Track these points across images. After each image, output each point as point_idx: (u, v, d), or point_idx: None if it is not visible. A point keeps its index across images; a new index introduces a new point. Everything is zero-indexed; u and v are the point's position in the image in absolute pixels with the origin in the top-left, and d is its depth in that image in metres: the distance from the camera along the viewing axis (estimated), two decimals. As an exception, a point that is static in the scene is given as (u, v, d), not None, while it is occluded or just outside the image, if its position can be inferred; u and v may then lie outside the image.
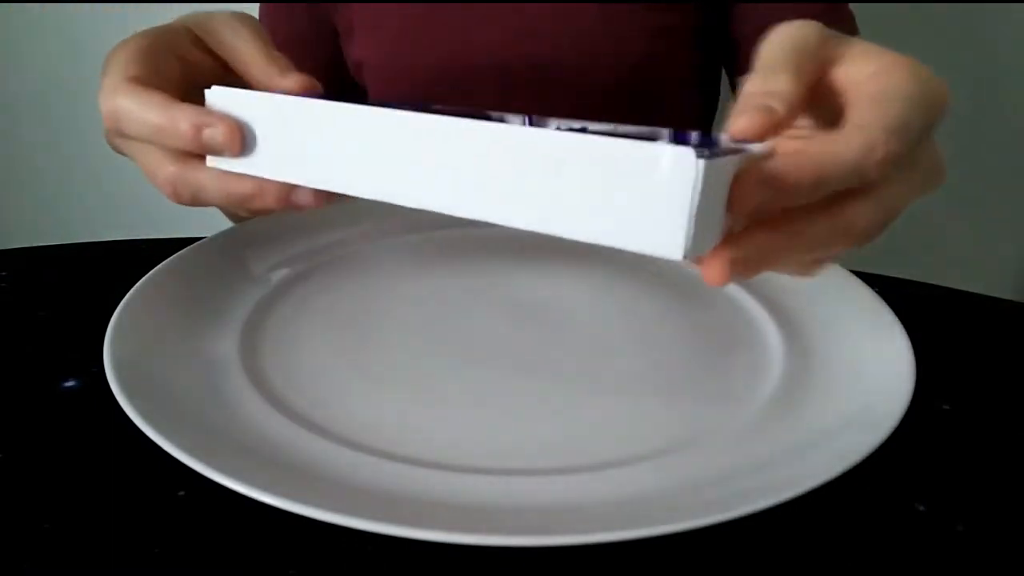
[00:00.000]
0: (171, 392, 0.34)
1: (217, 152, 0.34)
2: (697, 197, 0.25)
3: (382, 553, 0.29)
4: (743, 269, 0.28)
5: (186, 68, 0.39)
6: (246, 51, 0.38)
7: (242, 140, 0.33)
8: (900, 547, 0.31)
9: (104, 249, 0.56)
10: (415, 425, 0.34)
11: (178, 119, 0.33)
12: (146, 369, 0.35)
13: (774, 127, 0.29)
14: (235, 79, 0.40)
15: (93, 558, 0.30)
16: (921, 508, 0.33)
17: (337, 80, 0.71)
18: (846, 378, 0.36)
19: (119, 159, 0.42)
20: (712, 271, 0.28)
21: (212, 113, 0.33)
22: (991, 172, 1.21)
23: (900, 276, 0.52)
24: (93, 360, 0.35)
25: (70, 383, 0.40)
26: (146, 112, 0.34)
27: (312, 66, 0.41)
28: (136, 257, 0.46)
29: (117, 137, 0.37)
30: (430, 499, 0.29)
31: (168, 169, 0.35)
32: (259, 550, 0.30)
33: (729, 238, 0.28)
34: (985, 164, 1.19)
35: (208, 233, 0.48)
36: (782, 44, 0.31)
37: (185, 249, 0.45)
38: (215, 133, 0.33)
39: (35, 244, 0.57)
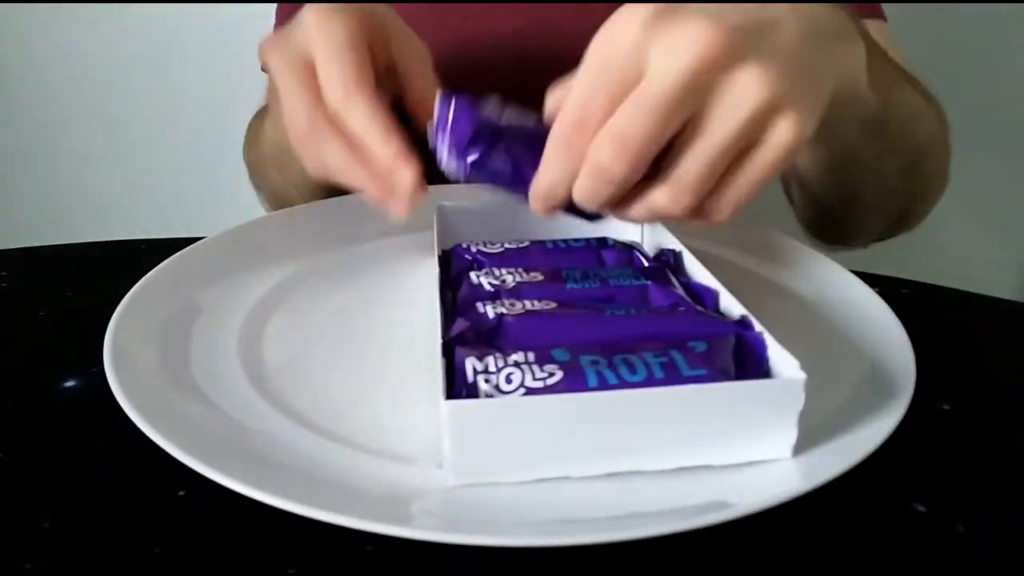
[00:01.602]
0: (171, 392, 0.34)
1: (394, 191, 0.39)
2: (458, 437, 0.29)
3: (382, 553, 0.29)
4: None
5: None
6: (418, 87, 0.45)
7: (412, 204, 0.39)
8: (900, 547, 0.31)
9: (104, 249, 0.56)
10: (417, 425, 0.34)
11: (388, 146, 0.38)
12: (146, 369, 0.35)
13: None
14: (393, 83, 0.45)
15: (93, 558, 0.30)
16: (921, 508, 0.33)
17: None
18: (846, 378, 0.36)
19: (119, 159, 0.42)
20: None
21: (411, 158, 0.38)
22: (991, 172, 1.21)
23: (900, 276, 0.52)
24: (93, 360, 0.35)
25: (70, 383, 0.40)
26: (370, 129, 0.39)
27: None
28: (136, 257, 0.46)
29: (278, 51, 0.41)
30: (431, 499, 0.29)
31: (313, 113, 0.40)
32: (259, 550, 0.30)
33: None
34: (985, 164, 1.19)
35: (208, 233, 0.48)
36: None
37: (185, 249, 0.45)
38: (403, 176, 0.38)
39: (35, 244, 0.57)
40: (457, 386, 0.30)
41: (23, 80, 1.28)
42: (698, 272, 0.40)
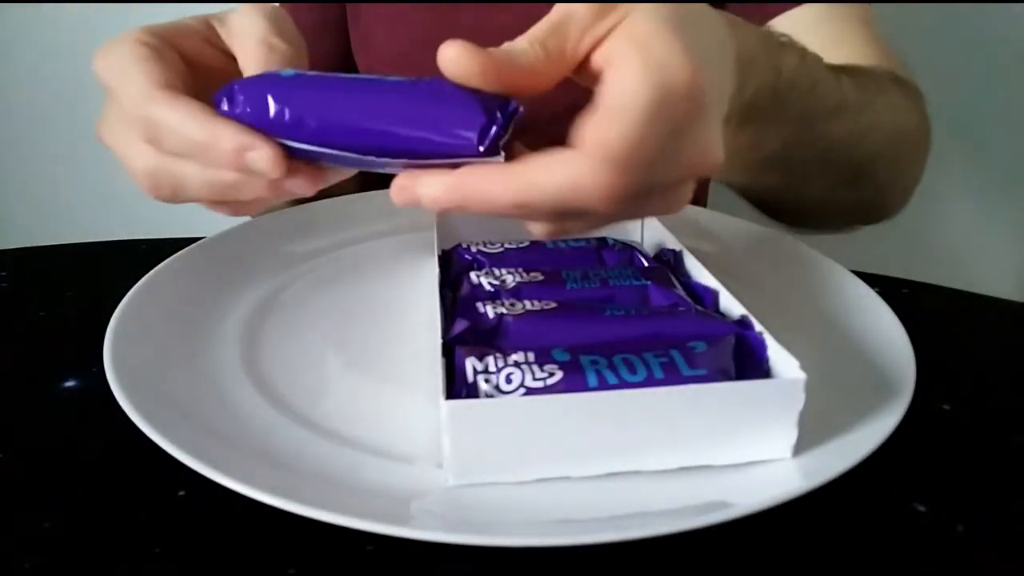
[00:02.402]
0: (171, 392, 0.34)
1: (256, 173, 0.32)
2: (458, 437, 0.29)
3: (382, 553, 0.29)
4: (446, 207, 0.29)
5: (195, 72, 0.36)
6: (245, 49, 0.35)
7: (284, 167, 0.31)
8: (900, 547, 0.31)
9: (104, 249, 0.56)
10: (417, 425, 0.34)
11: (220, 138, 0.31)
12: (146, 369, 0.35)
13: (481, 70, 0.28)
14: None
15: (93, 558, 0.30)
16: (921, 508, 0.33)
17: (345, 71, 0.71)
18: (846, 378, 0.36)
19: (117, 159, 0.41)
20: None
21: (255, 135, 0.31)
22: (991, 172, 1.21)
23: (900, 276, 0.52)
24: (93, 360, 0.35)
25: (70, 383, 0.40)
26: (187, 127, 0.31)
27: (324, 56, 0.40)
28: (136, 257, 0.46)
29: (105, 127, 0.35)
30: (431, 499, 0.29)
31: (149, 161, 0.33)
32: (259, 550, 0.30)
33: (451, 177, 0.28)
34: (985, 164, 1.19)
35: (208, 233, 0.48)
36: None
37: (185, 249, 0.45)
38: (258, 157, 0.31)
39: (35, 244, 0.57)
40: (457, 386, 0.30)
41: (23, 79, 1.28)
42: (698, 272, 0.40)
